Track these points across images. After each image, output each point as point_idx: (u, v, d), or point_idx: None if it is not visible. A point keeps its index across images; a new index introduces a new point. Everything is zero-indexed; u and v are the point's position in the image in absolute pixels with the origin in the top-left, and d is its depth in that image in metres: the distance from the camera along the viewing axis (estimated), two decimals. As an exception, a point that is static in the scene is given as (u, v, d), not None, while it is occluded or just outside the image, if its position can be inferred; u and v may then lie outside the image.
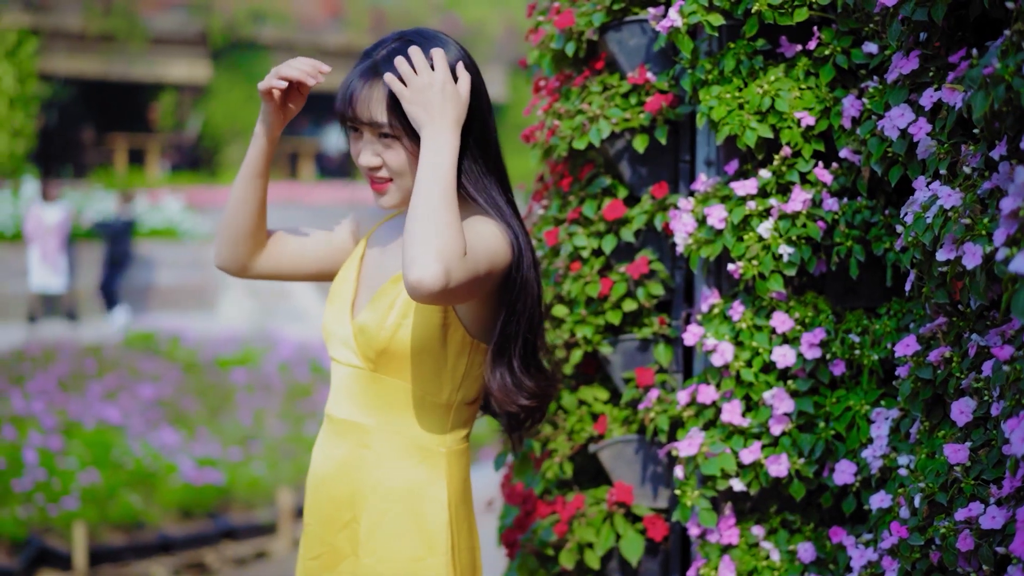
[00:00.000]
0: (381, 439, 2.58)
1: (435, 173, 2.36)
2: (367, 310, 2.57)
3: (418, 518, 2.56)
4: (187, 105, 29.95)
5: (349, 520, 2.59)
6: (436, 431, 2.59)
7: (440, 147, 2.40)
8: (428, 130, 2.41)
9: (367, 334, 2.55)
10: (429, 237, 2.28)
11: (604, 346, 3.15)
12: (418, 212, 2.32)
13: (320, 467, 2.66)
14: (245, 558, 8.49)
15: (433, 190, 2.34)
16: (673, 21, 2.85)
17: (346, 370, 2.62)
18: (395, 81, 2.44)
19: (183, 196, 23.80)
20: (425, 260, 2.26)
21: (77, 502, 8.13)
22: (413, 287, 2.26)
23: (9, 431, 9.30)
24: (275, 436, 10.32)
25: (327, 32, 29.06)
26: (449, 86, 2.44)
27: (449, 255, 2.28)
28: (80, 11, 26.68)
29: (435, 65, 2.45)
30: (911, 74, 2.58)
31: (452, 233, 2.30)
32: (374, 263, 2.68)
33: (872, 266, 2.84)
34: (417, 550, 2.56)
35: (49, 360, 12.83)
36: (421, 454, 2.58)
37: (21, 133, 24.50)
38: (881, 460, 2.61)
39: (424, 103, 2.42)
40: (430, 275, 2.25)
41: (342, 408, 2.63)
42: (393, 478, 2.57)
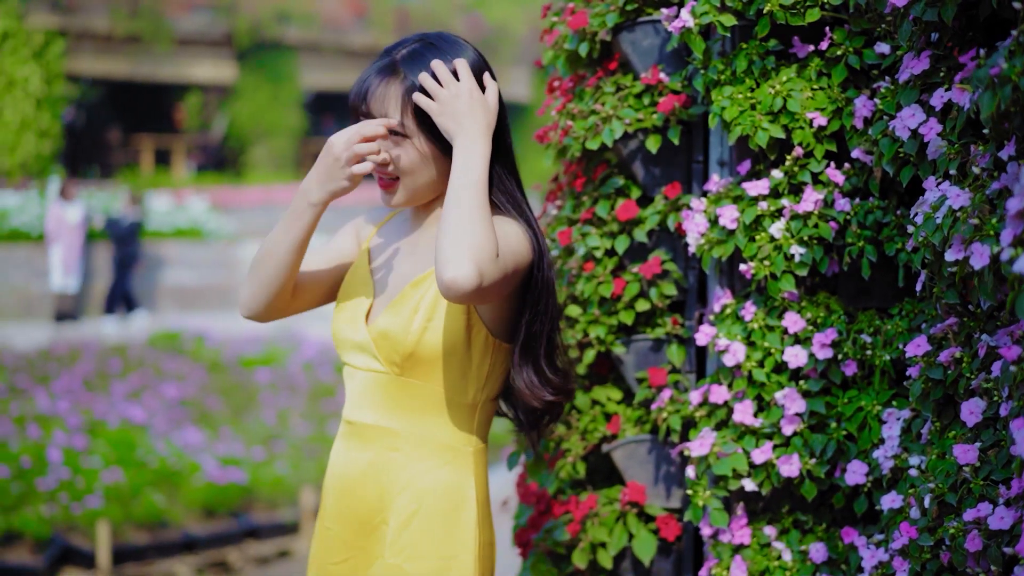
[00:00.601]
0: (409, 441, 2.59)
1: (468, 178, 2.41)
2: (387, 315, 2.58)
3: (449, 517, 2.58)
4: (213, 106, 30.06)
5: (379, 523, 2.60)
6: (463, 431, 2.61)
7: (472, 154, 2.45)
8: (460, 140, 2.47)
9: (391, 339, 2.56)
10: (463, 238, 2.34)
11: (617, 346, 3.15)
12: (452, 215, 2.37)
13: (344, 471, 2.66)
14: (268, 557, 8.52)
15: (467, 194, 2.40)
16: (685, 22, 2.85)
17: (365, 375, 2.63)
18: (422, 98, 2.49)
19: (208, 196, 23.89)
20: (459, 261, 2.31)
21: (101, 501, 8.18)
22: (447, 286, 2.32)
23: (34, 430, 9.37)
24: (299, 436, 10.36)
25: (352, 32, 29.13)
26: (476, 94, 2.49)
27: (482, 256, 2.33)
28: (107, 12, 26.81)
29: (460, 76, 2.50)
30: (922, 74, 2.57)
31: (486, 235, 2.36)
32: (386, 267, 2.69)
33: (884, 266, 2.83)
34: (449, 549, 2.57)
35: (74, 359, 12.92)
36: (449, 454, 2.60)
37: (48, 134, 24.62)
38: (892, 460, 2.60)
39: (453, 114, 2.47)
40: (464, 275, 2.30)
41: (365, 413, 2.63)
42: (423, 479, 2.58)
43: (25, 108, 24.26)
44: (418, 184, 2.58)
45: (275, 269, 2.63)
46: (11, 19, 24.37)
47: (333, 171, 2.53)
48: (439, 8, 29.78)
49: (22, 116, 24.20)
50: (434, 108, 2.48)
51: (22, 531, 7.76)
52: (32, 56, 24.48)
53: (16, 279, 19.20)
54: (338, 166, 2.52)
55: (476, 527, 2.60)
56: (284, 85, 28.53)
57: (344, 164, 2.51)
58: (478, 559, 2.59)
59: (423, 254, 2.64)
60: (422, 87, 2.52)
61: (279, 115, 28.42)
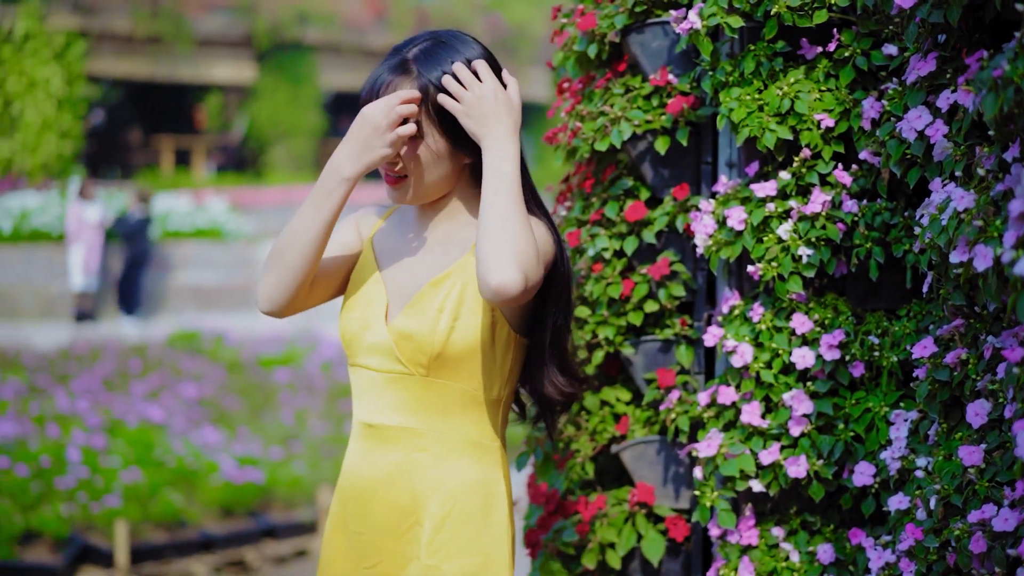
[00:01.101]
0: (437, 441, 2.57)
1: (503, 181, 2.42)
2: (408, 316, 2.55)
3: (483, 515, 2.57)
4: (233, 106, 30.14)
5: (412, 524, 2.57)
6: (489, 428, 2.60)
7: (503, 155, 2.44)
8: (488, 141, 2.46)
9: (415, 340, 2.54)
10: (506, 243, 2.35)
11: (626, 347, 3.16)
12: (493, 220, 2.38)
13: (368, 475, 2.62)
14: (285, 556, 8.53)
15: (504, 198, 2.40)
16: (692, 23, 2.86)
17: (384, 376, 2.59)
18: (447, 100, 2.48)
19: (228, 197, 23.95)
20: (505, 266, 2.33)
21: (119, 500, 8.20)
22: (495, 291, 2.33)
23: (53, 429, 9.41)
24: (316, 435, 10.38)
25: (371, 33, 29.17)
26: (501, 95, 2.48)
27: (526, 259, 2.36)
28: (128, 13, 26.91)
29: (482, 76, 2.49)
30: (928, 76, 2.58)
31: (527, 237, 2.38)
32: (397, 266, 2.65)
33: (893, 268, 2.83)
34: (485, 545, 2.56)
35: (95, 359, 12.97)
36: (478, 451, 2.59)
37: (69, 135, 24.71)
38: (899, 462, 2.61)
39: (479, 116, 2.47)
40: (511, 280, 2.33)
41: (387, 415, 2.59)
42: (453, 478, 2.56)
43: (46, 109, 24.35)
44: (428, 182, 2.57)
45: (302, 254, 2.56)
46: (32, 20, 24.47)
47: (371, 140, 2.49)
48: (458, 9, 29.80)
49: (43, 117, 24.30)
50: (459, 110, 2.47)
51: (41, 530, 7.79)
52: (53, 57, 24.58)
53: (37, 279, 19.28)
54: (378, 133, 2.48)
55: (508, 522, 2.59)
56: (303, 86, 28.59)
57: (385, 130, 2.48)
58: (511, 554, 2.59)
59: (439, 252, 2.61)
60: (440, 87, 2.50)
61: (298, 116, 28.47)
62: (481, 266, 2.36)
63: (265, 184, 26.68)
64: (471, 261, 2.54)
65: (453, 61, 2.52)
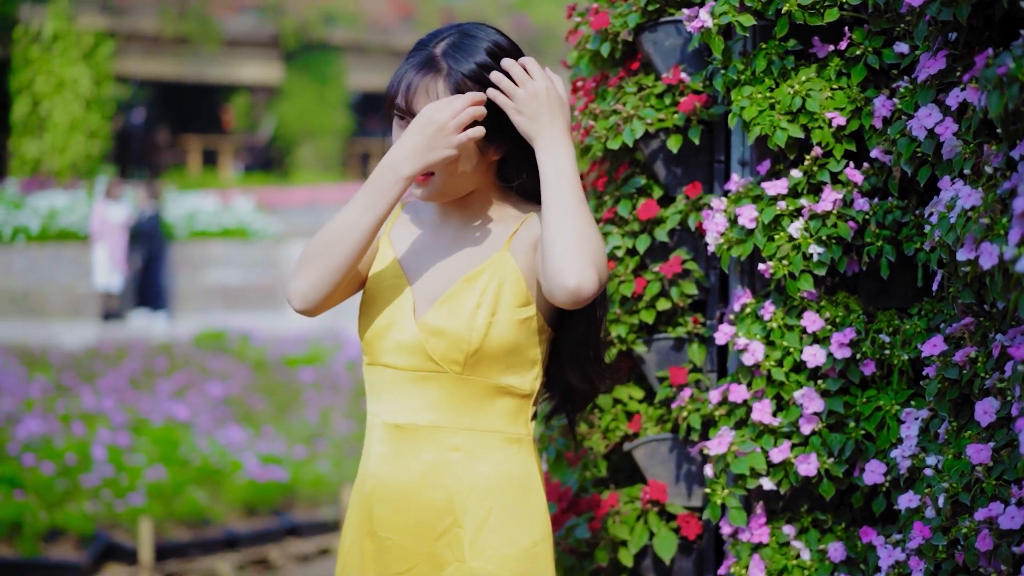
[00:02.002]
0: (470, 439, 2.53)
1: (565, 180, 2.40)
2: (440, 312, 2.51)
3: (523, 508, 2.54)
4: (260, 107, 30.27)
5: (450, 525, 2.52)
6: (523, 421, 2.57)
7: (560, 153, 2.43)
8: (542, 140, 2.44)
9: (449, 337, 2.49)
10: (579, 244, 2.35)
11: (638, 345, 3.17)
12: (561, 219, 2.37)
13: (397, 478, 2.55)
14: (309, 555, 8.56)
15: (569, 197, 2.39)
16: (704, 22, 2.86)
17: (411, 375, 2.54)
18: (499, 96, 2.45)
19: (254, 197, 24.04)
20: (582, 267, 2.33)
21: (144, 498, 8.25)
22: (572, 293, 2.33)
23: (79, 428, 9.47)
24: (341, 434, 10.41)
25: (398, 33, 29.25)
26: (553, 92, 2.46)
27: (599, 258, 2.36)
28: (156, 14, 27.07)
29: (533, 73, 2.46)
30: (939, 74, 2.58)
31: (596, 234, 2.38)
32: (422, 262, 2.60)
33: (905, 266, 2.83)
34: (529, 538, 2.53)
35: (121, 358, 13.05)
36: (513, 446, 2.55)
37: (97, 135, 24.86)
38: (910, 460, 2.60)
39: (532, 113, 2.44)
40: (588, 280, 2.33)
41: (416, 414, 2.54)
42: (489, 475, 2.52)
43: (75, 109, 24.53)
44: (457, 179, 2.52)
45: (347, 252, 2.49)
46: (61, 20, 24.65)
47: (437, 139, 2.44)
48: (485, 8, 29.84)
49: (72, 117, 24.47)
50: (510, 107, 2.45)
51: (66, 527, 7.84)
52: (81, 57, 24.75)
53: (64, 278, 19.40)
54: (444, 134, 2.43)
55: (546, 514, 2.57)
56: (330, 86, 28.70)
57: (452, 131, 2.43)
58: (551, 545, 2.57)
59: (469, 248, 2.56)
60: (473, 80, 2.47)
61: (325, 116, 28.59)
62: (553, 267, 2.34)
63: (292, 184, 26.79)
64: (507, 257, 2.51)
65: (483, 53, 2.49)
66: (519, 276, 2.51)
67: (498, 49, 2.52)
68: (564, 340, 2.61)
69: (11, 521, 7.73)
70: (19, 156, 24.89)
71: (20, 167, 24.76)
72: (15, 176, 24.30)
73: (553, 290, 2.35)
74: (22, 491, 8.11)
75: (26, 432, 9.12)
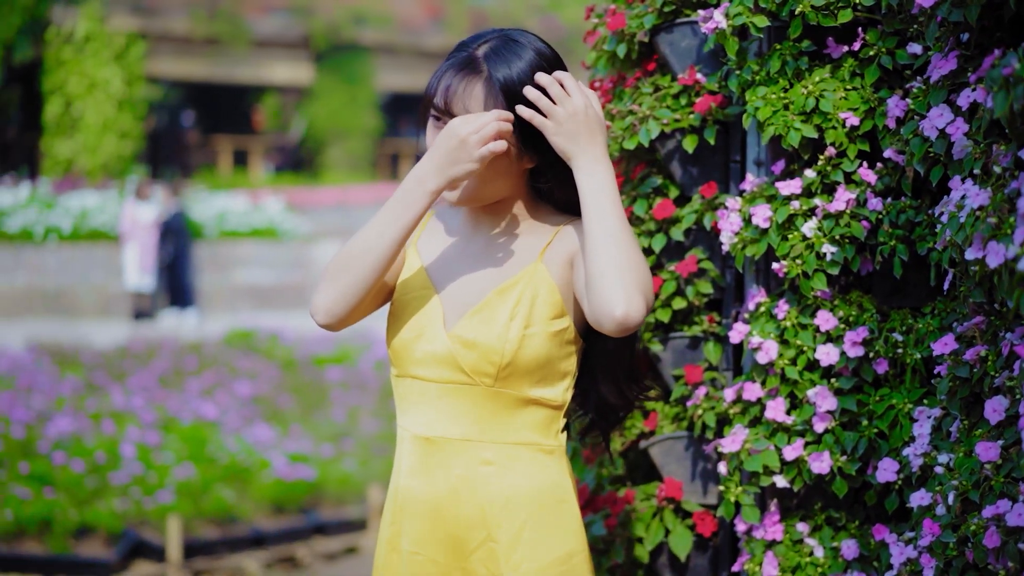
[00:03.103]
0: (502, 452, 2.50)
1: (608, 206, 2.36)
2: (472, 324, 2.48)
3: (557, 519, 2.52)
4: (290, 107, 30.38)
5: (484, 539, 2.51)
6: (553, 432, 2.55)
7: (601, 176, 2.38)
8: (581, 161, 2.39)
9: (481, 348, 2.46)
10: (625, 272, 2.30)
11: (655, 343, 3.19)
12: (606, 245, 2.32)
13: (428, 492, 2.54)
14: (335, 553, 8.59)
15: (613, 223, 2.34)
16: (718, 23, 2.88)
17: (441, 387, 2.51)
18: (536, 116, 2.41)
19: (284, 197, 24.14)
20: (630, 296, 2.28)
21: (172, 496, 8.30)
22: (620, 323, 2.28)
23: (109, 426, 9.54)
24: (368, 433, 10.44)
25: (427, 34, 29.33)
26: (592, 111, 2.41)
27: (646, 286, 2.33)
28: (186, 14, 27.22)
29: (570, 90, 2.41)
30: (950, 74, 2.59)
31: (642, 262, 2.34)
32: (450, 273, 2.57)
33: (919, 265, 2.84)
34: (565, 548, 2.51)
35: (151, 357, 13.13)
36: (545, 458, 2.53)
37: (128, 135, 25.01)
38: (922, 458, 2.62)
39: (571, 133, 2.40)
40: (636, 309, 2.29)
41: (447, 427, 2.52)
42: (522, 487, 2.50)
43: (106, 110, 24.69)
44: (487, 185, 2.50)
45: (372, 266, 2.48)
46: (93, 21, 24.82)
47: (458, 153, 2.41)
48: (515, 9, 29.89)
49: (103, 118, 24.64)
50: (549, 127, 2.40)
51: (95, 525, 7.89)
52: (113, 58, 24.92)
53: (96, 278, 19.54)
54: (465, 148, 2.40)
55: (580, 523, 2.56)
56: (360, 86, 28.79)
57: (474, 145, 2.40)
58: (588, 554, 2.56)
59: (501, 259, 2.54)
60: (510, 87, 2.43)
61: (355, 116, 28.68)
62: (600, 298, 2.30)
63: (321, 184, 26.87)
64: (541, 269, 2.48)
65: (524, 61, 2.45)
66: (553, 288, 2.48)
67: (540, 58, 2.47)
68: (597, 352, 2.59)
69: (41, 518, 7.79)
70: (51, 156, 25.09)
71: (52, 167, 24.96)
72: (47, 176, 24.49)
73: (601, 320, 2.31)
74: (52, 489, 8.17)
75: (56, 430, 9.20)
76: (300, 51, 28.72)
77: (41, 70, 25.47)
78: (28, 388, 10.83)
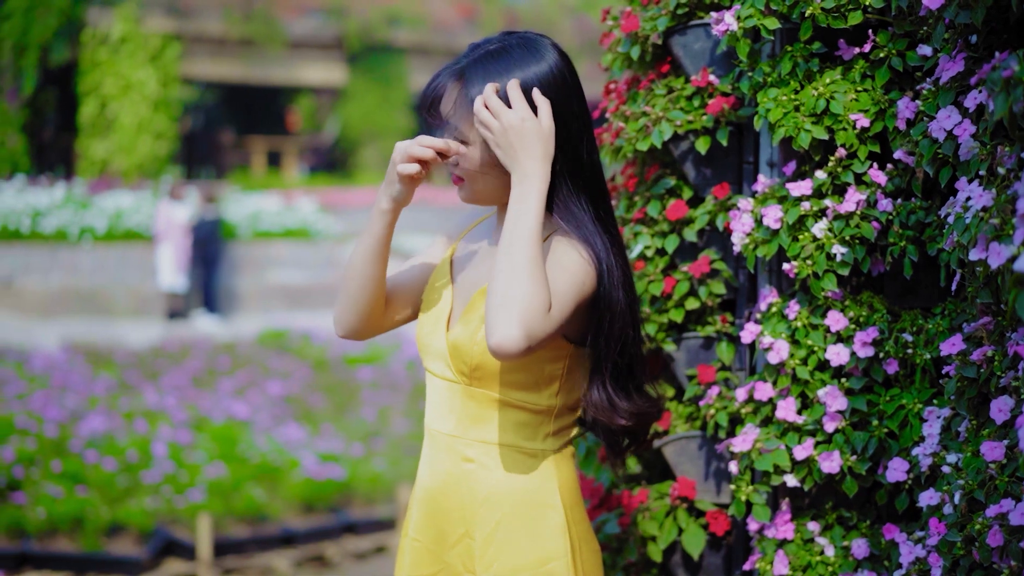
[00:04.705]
0: (483, 451, 2.55)
1: (518, 227, 2.34)
2: (459, 324, 2.55)
3: (533, 525, 2.53)
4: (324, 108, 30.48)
5: (462, 535, 2.57)
6: (539, 437, 2.56)
7: (524, 195, 2.37)
8: (514, 176, 2.41)
9: (460, 349, 2.52)
10: (511, 300, 2.27)
11: (668, 343, 3.21)
12: (503, 272, 2.31)
13: (428, 482, 2.63)
14: (365, 552, 8.62)
15: (517, 247, 2.32)
16: (729, 25, 2.90)
17: (441, 383, 2.60)
18: (483, 128, 2.44)
19: (317, 197, 24.23)
20: (506, 327, 2.25)
21: (203, 494, 8.37)
22: (494, 351, 2.27)
23: (141, 425, 9.63)
24: (398, 433, 10.49)
25: (461, 35, 29.35)
26: (528, 123, 2.40)
27: (531, 317, 2.26)
28: (221, 16, 27.35)
29: (512, 102, 2.42)
30: (958, 76, 2.60)
31: (534, 292, 2.28)
32: (465, 273, 2.65)
33: (930, 266, 2.85)
34: (538, 556, 2.52)
35: (184, 356, 13.23)
36: (528, 462, 2.55)
37: (164, 136, 25.16)
38: (931, 458, 2.63)
39: (507, 147, 2.41)
40: (510, 340, 2.25)
41: (442, 422, 2.60)
42: (500, 489, 2.54)
43: (141, 111, 24.85)
44: (479, 188, 2.55)
45: (357, 283, 2.62)
46: (128, 23, 24.99)
47: (390, 173, 2.54)
48: (548, 10, 29.89)
49: (139, 119, 24.79)
50: (491, 140, 2.43)
51: (127, 523, 7.96)
52: (148, 60, 25.08)
53: (131, 278, 19.68)
54: (392, 167, 2.53)
55: (565, 532, 2.54)
56: (394, 87, 28.87)
57: (393, 166, 2.52)
58: (574, 563, 2.54)
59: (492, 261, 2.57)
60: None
61: (389, 117, 28.75)
62: (486, 322, 2.30)
63: (354, 185, 26.96)
64: None
65: (503, 76, 2.45)
66: None
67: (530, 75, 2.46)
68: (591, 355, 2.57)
69: (73, 516, 7.88)
70: (87, 157, 25.27)
71: (88, 168, 25.14)
72: (83, 177, 24.69)
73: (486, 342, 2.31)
74: (84, 487, 8.26)
75: (89, 429, 9.29)
76: (334, 52, 28.81)
77: (77, 71, 25.67)
78: (62, 387, 10.94)
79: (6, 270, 19.42)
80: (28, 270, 19.54)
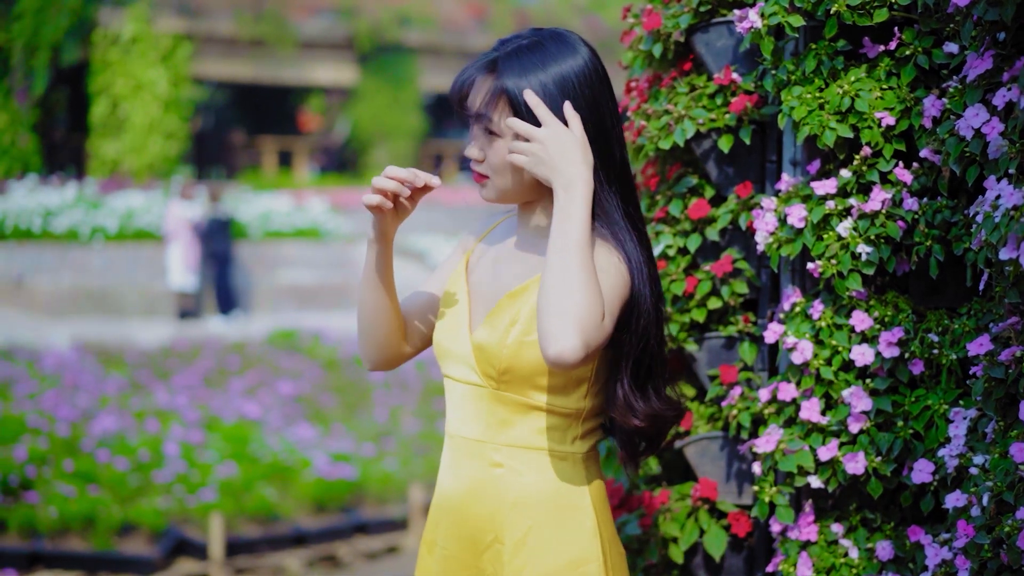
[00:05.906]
0: (512, 456, 2.53)
1: (567, 240, 2.33)
2: (484, 327, 2.52)
3: (564, 528, 2.52)
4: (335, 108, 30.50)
5: (492, 541, 2.54)
6: (567, 440, 2.54)
7: (570, 211, 2.36)
8: (557, 184, 2.39)
9: (487, 352, 2.50)
10: (567, 309, 2.27)
11: (690, 343, 3.19)
12: (556, 282, 2.30)
13: (452, 489, 2.60)
14: (376, 552, 8.63)
15: (568, 259, 2.31)
16: (753, 22, 2.87)
17: (465, 388, 2.57)
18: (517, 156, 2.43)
19: (328, 197, 24.24)
20: (564, 336, 2.26)
21: (215, 494, 8.37)
22: (553, 362, 2.27)
23: (153, 424, 9.63)
24: (409, 433, 10.49)
25: (471, 34, 29.36)
26: (564, 136, 2.40)
27: (588, 326, 2.28)
28: (232, 16, 27.38)
29: (542, 118, 2.41)
30: (986, 74, 2.57)
31: (590, 301, 2.29)
32: (486, 275, 2.62)
33: (956, 266, 2.83)
34: (570, 559, 2.50)
35: (195, 356, 13.23)
36: (556, 465, 2.53)
37: (174, 136, 25.20)
38: (957, 459, 2.60)
39: (547, 160, 2.40)
40: (570, 350, 2.25)
41: (467, 427, 2.57)
42: (530, 493, 2.52)
43: (152, 111, 24.90)
44: (506, 184, 2.53)
45: (369, 314, 2.63)
46: (139, 23, 25.03)
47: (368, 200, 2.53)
48: (558, 9, 29.88)
49: (149, 118, 24.84)
50: (528, 164, 2.41)
51: (139, 522, 7.97)
52: (159, 60, 25.13)
53: (141, 277, 19.70)
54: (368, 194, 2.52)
55: (597, 534, 2.53)
56: (404, 87, 28.88)
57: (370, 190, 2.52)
58: (607, 565, 2.53)
59: (520, 263, 2.57)
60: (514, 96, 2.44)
61: (399, 117, 28.76)
62: (540, 334, 2.30)
63: (365, 185, 26.97)
64: None
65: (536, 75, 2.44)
66: None
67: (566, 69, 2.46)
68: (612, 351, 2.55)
69: (85, 516, 7.88)
70: (98, 157, 25.32)
71: (99, 167, 25.19)
72: (94, 176, 24.73)
73: (542, 354, 2.31)
74: (96, 486, 8.26)
75: (101, 428, 9.29)
76: (345, 52, 28.82)
77: (88, 71, 25.72)
78: (73, 387, 10.94)
79: (17, 269, 19.46)
80: (39, 270, 19.57)
